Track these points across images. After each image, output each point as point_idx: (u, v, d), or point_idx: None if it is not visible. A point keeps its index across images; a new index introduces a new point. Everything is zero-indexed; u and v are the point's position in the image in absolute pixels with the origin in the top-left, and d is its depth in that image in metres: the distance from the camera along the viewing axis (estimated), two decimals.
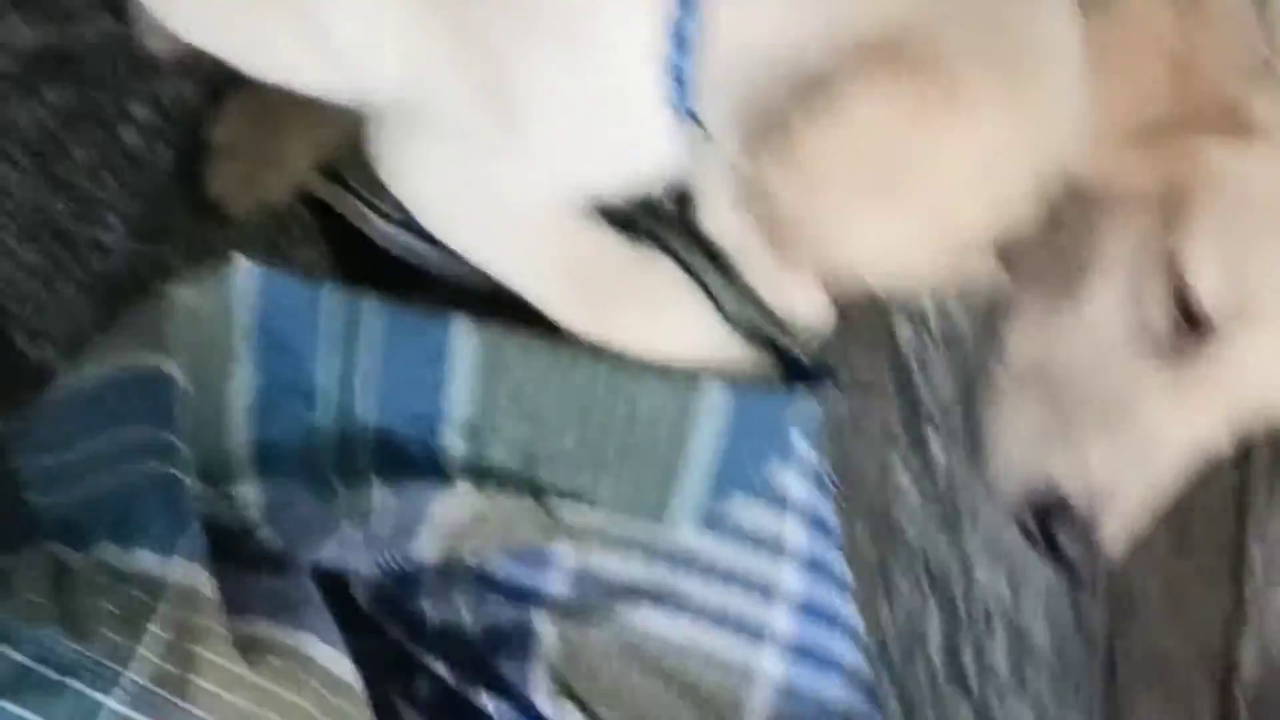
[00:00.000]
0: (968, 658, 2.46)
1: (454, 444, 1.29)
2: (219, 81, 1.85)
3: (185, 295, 1.25)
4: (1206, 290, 1.30)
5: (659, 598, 1.33)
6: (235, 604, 1.12)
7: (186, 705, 1.05)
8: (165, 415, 1.18)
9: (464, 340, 1.28)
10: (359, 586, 1.33)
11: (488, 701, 1.30)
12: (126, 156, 1.80)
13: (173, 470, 1.14)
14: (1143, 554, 2.52)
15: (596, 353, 1.28)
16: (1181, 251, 1.31)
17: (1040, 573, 2.51)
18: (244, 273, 1.26)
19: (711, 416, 1.27)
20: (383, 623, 1.33)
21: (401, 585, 1.33)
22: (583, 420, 1.28)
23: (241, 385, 1.25)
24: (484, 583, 1.33)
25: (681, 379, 1.27)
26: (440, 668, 1.31)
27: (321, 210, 1.71)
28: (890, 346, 2.38)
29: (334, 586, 1.29)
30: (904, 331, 2.37)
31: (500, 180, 1.27)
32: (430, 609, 1.32)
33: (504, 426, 1.28)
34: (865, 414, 2.38)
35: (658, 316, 1.31)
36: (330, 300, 1.28)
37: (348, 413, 1.29)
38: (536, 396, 1.27)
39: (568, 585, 1.33)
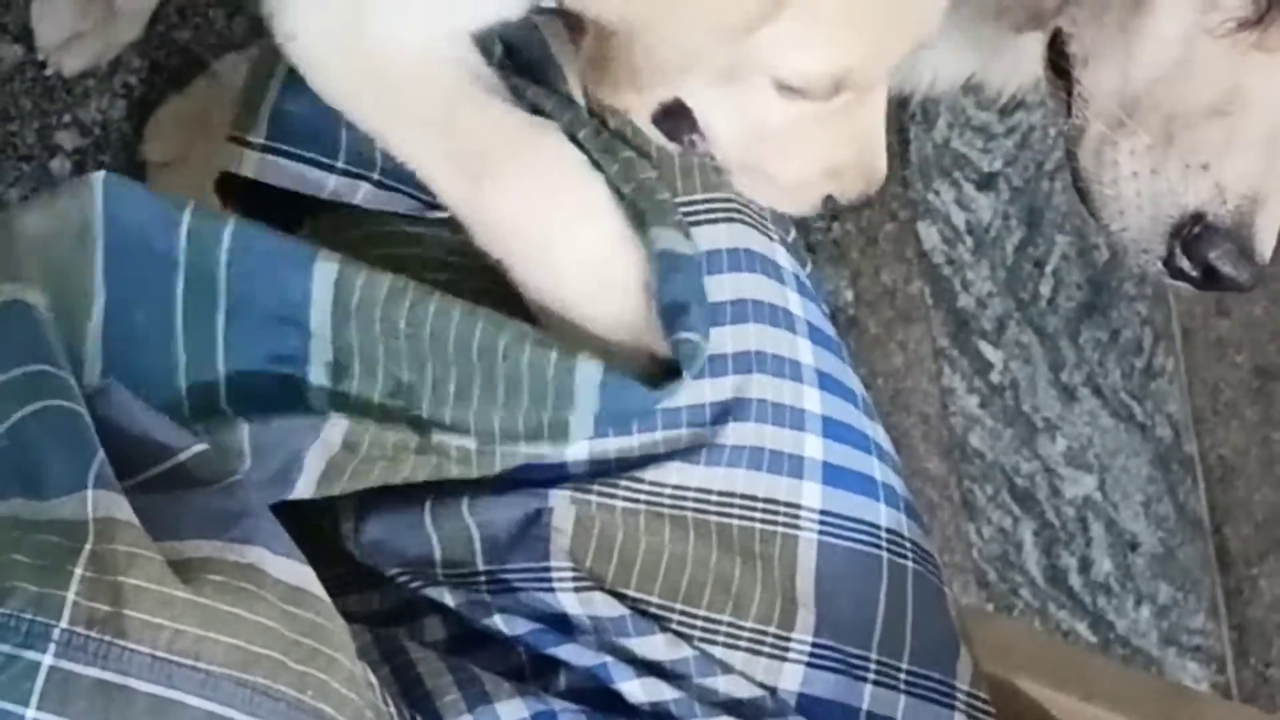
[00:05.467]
0: (1070, 567, 2.36)
1: (320, 381, 1.21)
2: (143, 94, 1.79)
3: (35, 219, 1.15)
4: None
5: (690, 452, 1.24)
6: (165, 529, 1.02)
7: (126, 643, 0.96)
8: (40, 348, 1.08)
9: (326, 279, 1.19)
10: (349, 531, 1.25)
11: (502, 624, 1.21)
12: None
13: (63, 403, 1.04)
14: (1233, 428, 2.50)
15: (472, 308, 1.19)
16: None
17: (1131, 467, 2.42)
18: (100, 190, 1.16)
19: (587, 387, 1.19)
20: (381, 566, 1.25)
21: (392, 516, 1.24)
22: (463, 368, 1.20)
23: (96, 322, 1.15)
24: (493, 486, 1.24)
25: (560, 346, 1.19)
26: (448, 597, 1.23)
27: None
28: (920, 259, 2.28)
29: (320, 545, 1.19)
30: (930, 237, 2.28)
31: (376, 15, 1.18)
32: (434, 539, 1.23)
33: (375, 368, 1.20)
34: (910, 338, 2.29)
35: (544, 192, 1.22)
36: (189, 222, 1.18)
37: (204, 352, 1.20)
38: (409, 341, 1.19)
39: (585, 470, 1.24)
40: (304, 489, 1.18)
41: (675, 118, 1.23)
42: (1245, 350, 2.53)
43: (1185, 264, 1.30)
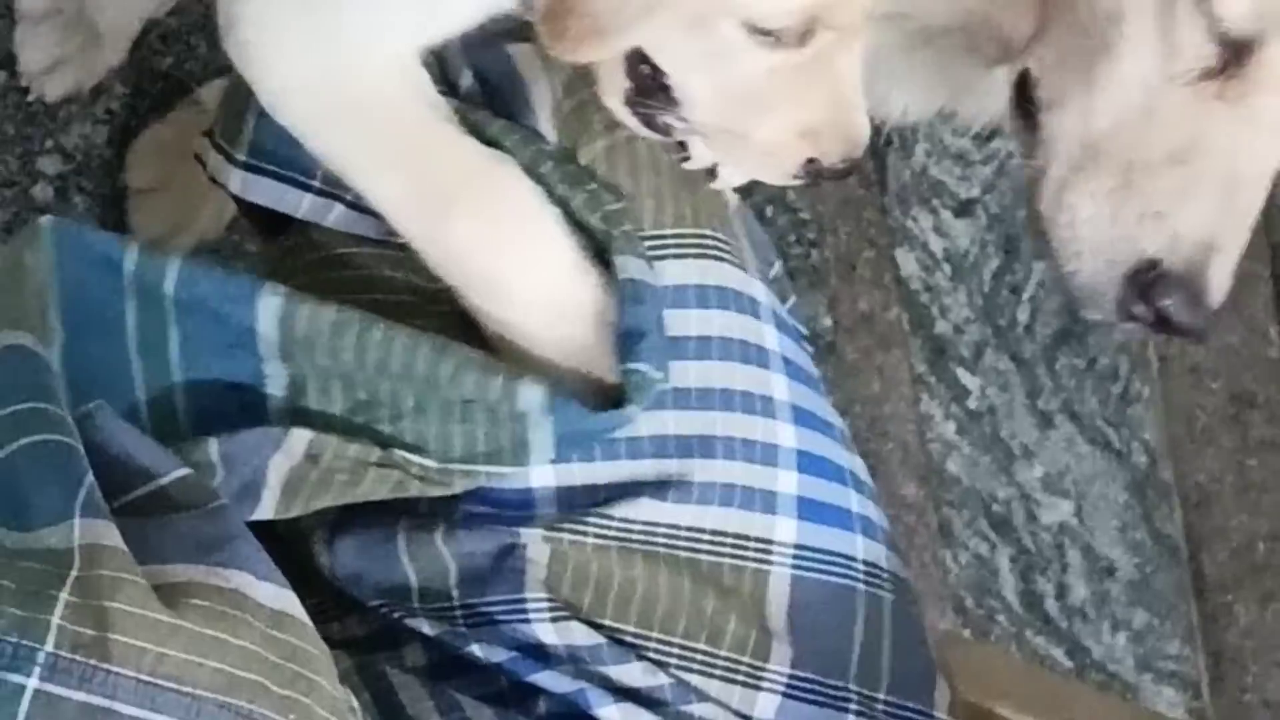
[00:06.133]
0: (1046, 592, 2.37)
1: (279, 402, 1.23)
2: (125, 120, 1.79)
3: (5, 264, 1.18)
4: (1235, 12, 1.26)
5: (658, 488, 1.25)
6: (150, 553, 1.02)
7: (110, 667, 0.96)
8: (34, 388, 1.09)
9: (271, 314, 1.21)
10: (326, 561, 1.26)
11: (480, 652, 1.23)
12: (42, 213, 1.72)
13: (55, 437, 1.06)
14: (1209, 455, 2.51)
15: (415, 336, 1.20)
16: None
17: (1107, 493, 2.42)
18: (48, 235, 1.18)
19: (534, 411, 1.20)
20: (360, 595, 1.26)
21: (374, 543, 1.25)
22: (416, 389, 1.21)
23: (56, 357, 1.17)
24: (465, 520, 1.24)
25: (504, 371, 1.20)
26: (426, 627, 1.23)
27: None
28: (898, 285, 2.29)
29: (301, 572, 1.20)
30: (908, 264, 2.29)
31: (342, 27, 1.19)
32: (410, 569, 1.23)
33: (332, 388, 1.22)
34: (888, 364, 2.29)
35: (498, 228, 1.22)
36: (134, 262, 1.21)
37: (161, 381, 1.22)
38: (358, 369, 1.21)
39: (552, 507, 1.24)
40: (269, 504, 1.19)
41: (649, 97, 1.22)
42: (1221, 377, 2.54)
43: (1138, 309, 1.31)
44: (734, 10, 1.15)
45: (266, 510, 1.19)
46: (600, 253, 1.23)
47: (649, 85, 1.22)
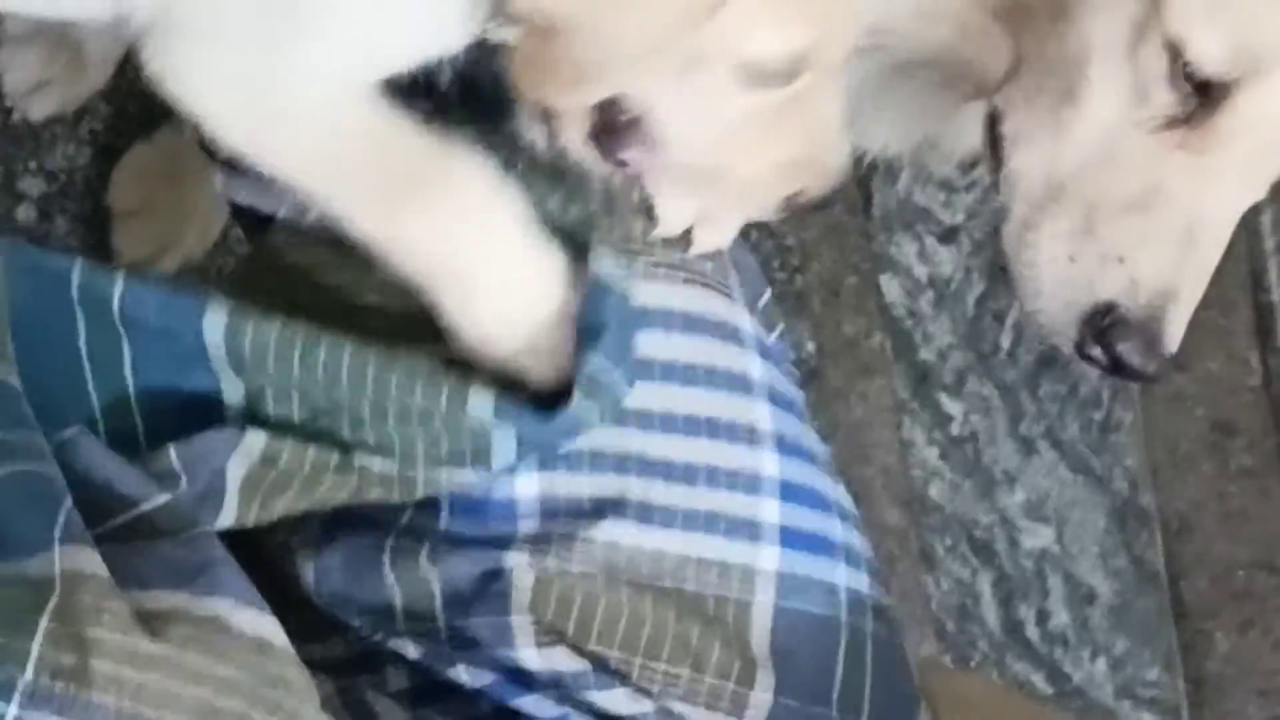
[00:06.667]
0: (1027, 618, 2.37)
1: (237, 413, 1.22)
2: (109, 142, 1.79)
3: None
4: (1209, 58, 1.27)
5: (642, 510, 1.24)
6: (132, 579, 1.02)
7: (90, 695, 0.96)
8: (9, 417, 1.10)
9: (216, 330, 1.20)
10: (310, 582, 1.25)
11: (465, 675, 1.22)
12: (24, 234, 1.72)
13: (32, 467, 1.05)
14: (1190, 482, 2.52)
15: (363, 346, 1.19)
16: (1173, 27, 1.27)
17: (1088, 519, 2.43)
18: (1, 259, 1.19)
19: (482, 419, 1.19)
20: (344, 615, 1.24)
21: (356, 568, 1.25)
22: (366, 396, 1.20)
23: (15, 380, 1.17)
24: (447, 541, 1.23)
25: (451, 381, 1.18)
26: (410, 649, 1.23)
27: None
28: (882, 311, 2.29)
29: (284, 593, 1.21)
30: (892, 290, 2.29)
31: (285, 70, 1.16)
32: (395, 589, 1.22)
33: (289, 397, 1.21)
34: (871, 390, 2.30)
35: (454, 219, 1.19)
36: (81, 279, 1.20)
37: (117, 397, 1.22)
38: (310, 382, 1.20)
39: (535, 518, 1.23)
40: (231, 508, 1.18)
41: (614, 134, 1.20)
42: (1203, 405, 2.54)
43: (1095, 351, 1.32)
44: (727, 53, 1.14)
45: (229, 516, 1.18)
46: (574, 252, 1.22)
47: (617, 123, 1.20)
